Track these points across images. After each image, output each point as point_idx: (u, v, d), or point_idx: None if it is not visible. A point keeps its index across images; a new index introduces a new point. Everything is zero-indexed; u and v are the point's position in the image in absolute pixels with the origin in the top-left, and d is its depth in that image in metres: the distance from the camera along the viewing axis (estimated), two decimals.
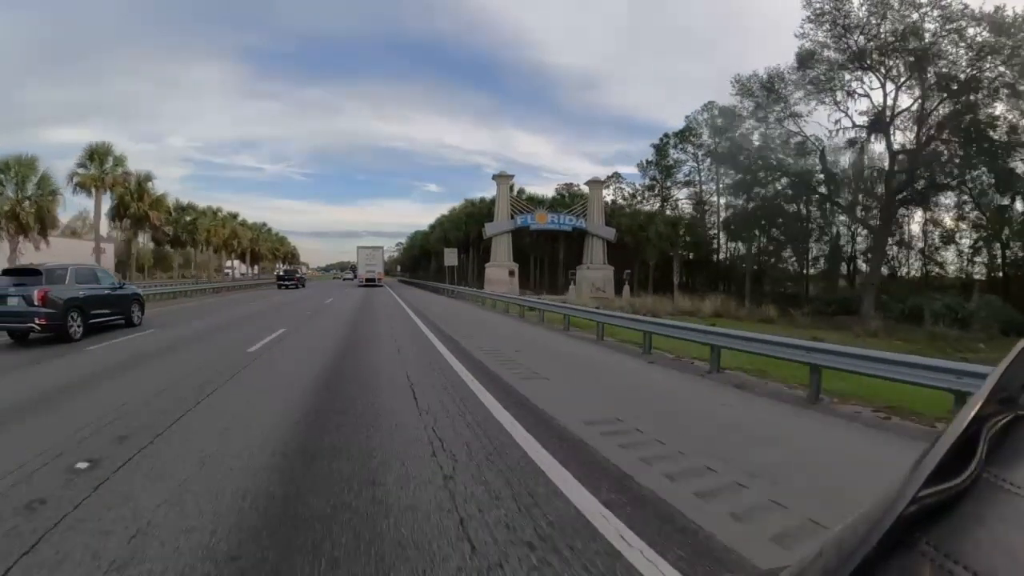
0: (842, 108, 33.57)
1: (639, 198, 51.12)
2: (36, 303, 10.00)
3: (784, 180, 34.64)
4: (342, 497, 3.18)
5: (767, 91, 32.75)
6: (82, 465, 3.64)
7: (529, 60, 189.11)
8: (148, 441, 4.20)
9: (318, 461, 3.81)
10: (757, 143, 33.45)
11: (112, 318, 12.21)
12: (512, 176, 42.63)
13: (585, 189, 47.70)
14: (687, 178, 49.70)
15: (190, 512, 2.95)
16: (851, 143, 31.04)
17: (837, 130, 33.42)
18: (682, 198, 49.96)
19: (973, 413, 0.38)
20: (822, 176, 35.04)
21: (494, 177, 42.21)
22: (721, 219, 39.86)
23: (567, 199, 45.30)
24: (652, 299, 29.98)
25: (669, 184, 50.04)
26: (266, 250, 75.07)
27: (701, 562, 2.53)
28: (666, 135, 50.16)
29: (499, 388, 6.45)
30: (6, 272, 11.19)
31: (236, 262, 66.96)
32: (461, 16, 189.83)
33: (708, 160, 47.88)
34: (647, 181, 51.06)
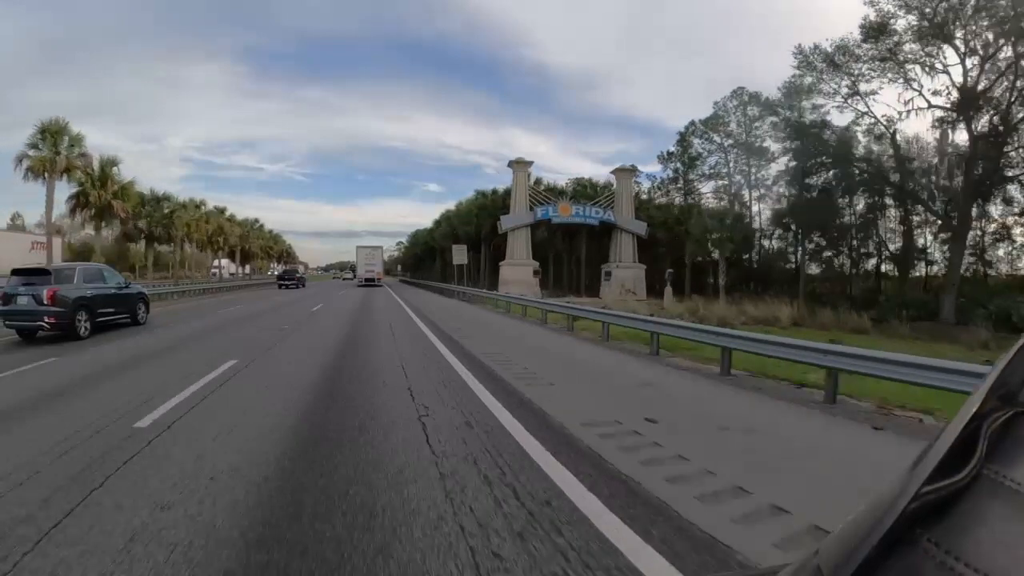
0: (915, 86, 29.29)
1: (663, 191, 46.81)
2: (45, 302, 10.19)
3: (842, 167, 30.13)
4: None
5: (832, 66, 28.27)
6: None
7: (529, 60, 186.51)
8: None
9: None
10: (815, 124, 28.91)
11: (118, 317, 12.40)
12: (531, 163, 37.58)
13: (605, 179, 43.36)
14: (712, 170, 45.50)
15: None
16: (941, 122, 26.59)
17: (908, 111, 29.16)
18: (707, 192, 45.72)
19: (973, 410, 0.37)
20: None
21: (510, 164, 37.26)
22: (770, 212, 35.30)
23: (589, 190, 40.55)
24: (701, 303, 25.50)
25: (693, 177, 45.81)
26: (258, 248, 70.13)
27: None
28: (692, 122, 45.85)
29: None
30: (15, 272, 11.19)
31: (225, 261, 62.35)
32: (461, 16, 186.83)
33: (735, 151, 43.77)
34: (669, 173, 46.81)
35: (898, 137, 30.76)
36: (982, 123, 29.58)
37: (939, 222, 32.05)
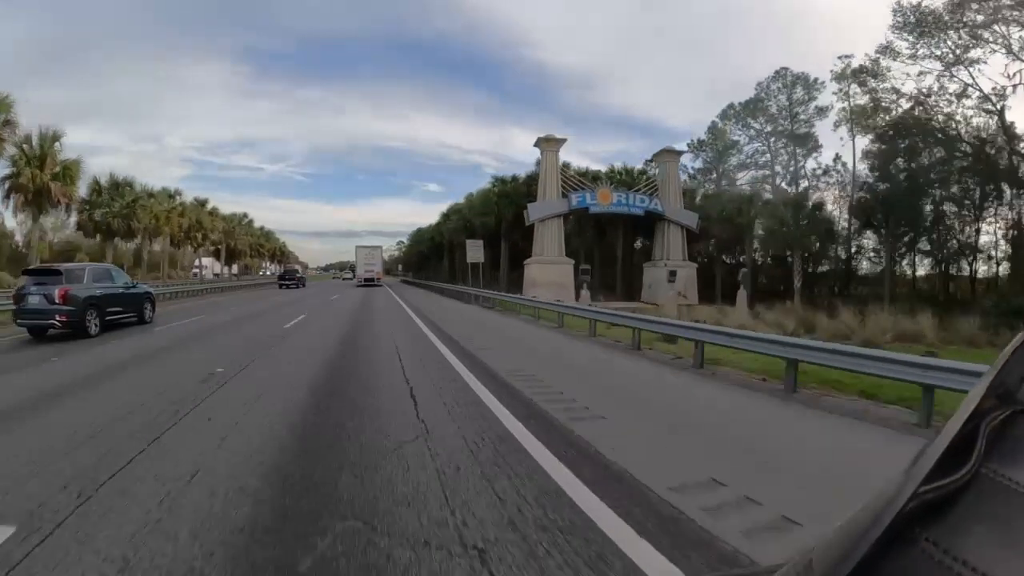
0: (1022, 57, 24.51)
1: (699, 182, 41.90)
2: (57, 301, 10.39)
3: (938, 151, 25.21)
4: None
5: (923, 29, 23.35)
6: None
7: (529, 59, 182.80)
8: None
9: None
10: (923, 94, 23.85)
11: (126, 316, 12.58)
12: (563, 140, 31.43)
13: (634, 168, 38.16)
14: (749, 159, 40.59)
15: None
16: None
17: (1015, 85, 24.42)
18: (743, 182, 40.79)
19: (972, 409, 0.37)
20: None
21: (537, 142, 31.49)
22: (847, 203, 29.96)
23: (625, 176, 35.07)
24: (783, 311, 20.33)
25: (724, 167, 40.89)
26: (246, 246, 64.33)
27: None
28: (731, 105, 40.89)
29: None
30: (27, 272, 11.66)
31: (209, 260, 56.76)
32: (461, 16, 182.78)
33: (777, 138, 38.85)
34: (700, 163, 41.93)
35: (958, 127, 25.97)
36: None
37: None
